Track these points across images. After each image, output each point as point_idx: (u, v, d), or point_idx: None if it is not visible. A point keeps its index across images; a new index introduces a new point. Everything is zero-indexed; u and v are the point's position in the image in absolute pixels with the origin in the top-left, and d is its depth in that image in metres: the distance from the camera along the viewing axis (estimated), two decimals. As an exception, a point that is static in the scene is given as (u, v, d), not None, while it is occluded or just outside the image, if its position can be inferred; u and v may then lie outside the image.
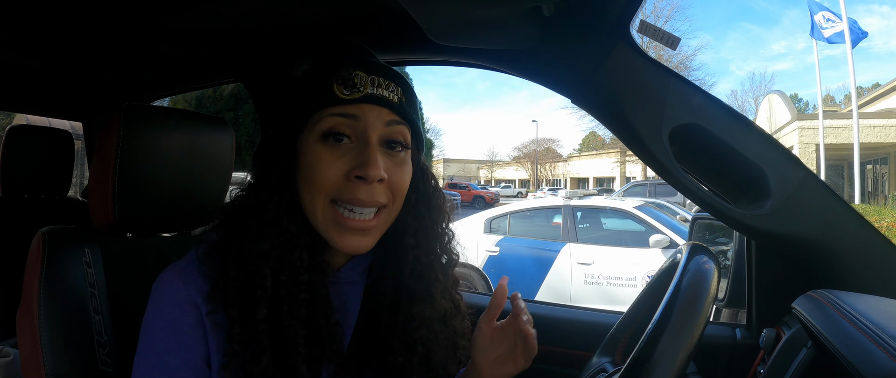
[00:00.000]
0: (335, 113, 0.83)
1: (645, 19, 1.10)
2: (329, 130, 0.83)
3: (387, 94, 0.85)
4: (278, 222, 0.83)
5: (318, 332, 0.83)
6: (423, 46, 1.27)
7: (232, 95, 18.35)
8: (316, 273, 0.85)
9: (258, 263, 0.81)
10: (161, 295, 0.82)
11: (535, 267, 6.12)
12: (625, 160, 37.88)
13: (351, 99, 0.83)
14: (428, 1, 0.87)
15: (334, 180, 0.82)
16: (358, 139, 0.84)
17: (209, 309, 0.80)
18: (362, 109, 0.83)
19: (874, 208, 10.44)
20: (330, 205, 0.83)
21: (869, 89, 38.81)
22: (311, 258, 0.85)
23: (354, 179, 0.81)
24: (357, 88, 0.83)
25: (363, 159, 0.81)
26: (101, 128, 1.08)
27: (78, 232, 1.07)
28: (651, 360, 0.67)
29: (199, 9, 1.21)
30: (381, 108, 0.84)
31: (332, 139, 0.83)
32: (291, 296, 0.81)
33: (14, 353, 1.43)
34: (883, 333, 0.67)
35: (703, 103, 1.03)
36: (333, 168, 0.82)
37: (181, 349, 0.79)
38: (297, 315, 0.81)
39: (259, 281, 0.80)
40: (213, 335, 0.80)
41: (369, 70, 0.85)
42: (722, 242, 1.75)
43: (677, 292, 0.73)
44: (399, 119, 0.86)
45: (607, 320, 1.50)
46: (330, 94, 0.83)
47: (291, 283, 0.82)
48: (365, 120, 0.83)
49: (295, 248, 0.83)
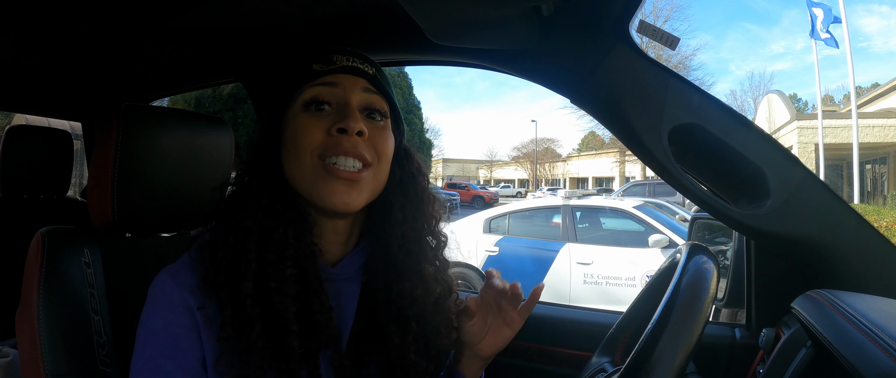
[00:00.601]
0: (316, 83, 0.88)
1: (644, 19, 1.10)
2: (311, 99, 0.88)
3: (362, 66, 0.92)
4: (260, 198, 0.86)
5: (311, 317, 0.83)
6: (422, 46, 1.27)
7: (231, 95, 18.32)
8: (302, 250, 0.86)
9: (242, 239, 0.83)
10: (156, 298, 0.82)
11: (534, 267, 6.12)
12: (624, 160, 37.87)
13: (329, 70, 0.89)
14: (427, 1, 0.87)
15: (316, 138, 0.85)
16: (338, 104, 0.88)
17: (200, 303, 0.80)
18: (340, 78, 0.89)
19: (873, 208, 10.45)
20: (318, 160, 0.85)
21: (868, 89, 38.82)
22: (297, 236, 0.86)
23: (336, 133, 0.85)
24: (333, 62, 0.90)
25: (343, 115, 0.86)
26: (101, 128, 1.09)
27: (77, 232, 1.07)
28: (651, 359, 0.67)
29: (199, 9, 1.21)
30: (357, 77, 0.90)
31: (313, 108, 0.87)
32: (278, 271, 0.82)
33: (13, 353, 1.43)
34: (882, 333, 0.67)
35: (702, 103, 1.03)
36: (316, 128, 0.86)
37: (177, 352, 0.79)
38: (286, 291, 0.82)
39: (244, 256, 0.82)
40: (207, 333, 0.80)
41: (344, 52, 0.92)
42: (721, 242, 1.75)
43: (677, 292, 0.74)
44: (374, 89, 0.92)
45: (607, 320, 1.50)
46: (309, 70, 0.89)
47: (277, 260, 0.83)
48: (343, 86, 0.89)
49: (279, 223, 0.85)
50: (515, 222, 6.76)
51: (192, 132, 1.18)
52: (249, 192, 0.87)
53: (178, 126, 1.16)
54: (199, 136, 1.19)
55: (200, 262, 0.84)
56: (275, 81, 0.95)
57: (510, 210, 6.95)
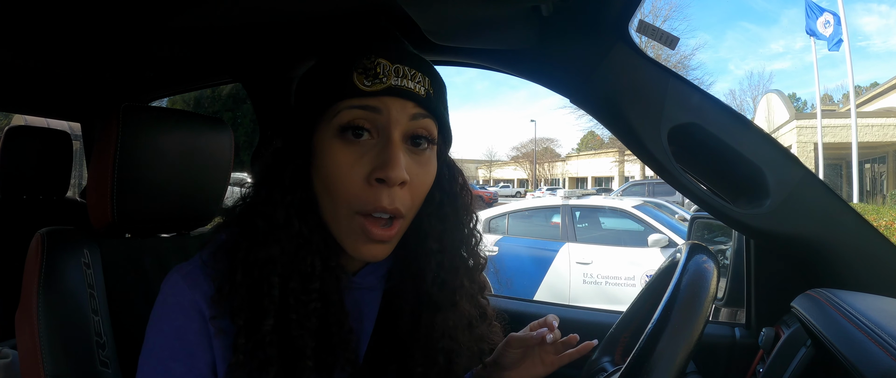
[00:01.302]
0: (355, 105, 0.75)
1: (643, 19, 1.10)
2: (348, 124, 0.75)
3: (412, 85, 0.77)
4: (289, 225, 0.77)
5: (329, 340, 0.78)
6: (421, 46, 1.26)
7: (230, 96, 18.31)
8: (329, 279, 0.79)
9: (266, 270, 0.76)
10: (166, 299, 0.78)
11: (533, 267, 6.11)
12: (623, 160, 37.87)
13: (372, 91, 0.75)
14: (428, 1, 0.87)
15: (355, 187, 0.75)
16: (379, 135, 0.76)
17: (213, 314, 0.76)
18: (385, 102, 0.76)
19: (873, 207, 10.46)
20: (354, 216, 0.76)
21: (867, 88, 38.86)
22: (324, 264, 0.79)
23: (375, 183, 0.74)
24: (379, 79, 0.75)
25: (384, 159, 0.74)
26: (100, 128, 1.08)
27: (76, 233, 1.07)
28: (651, 359, 0.67)
29: (198, 9, 1.21)
30: (406, 101, 0.77)
31: (350, 134, 0.76)
32: (301, 305, 0.76)
33: (13, 354, 1.43)
34: (882, 332, 0.67)
35: (701, 103, 1.04)
36: (353, 171, 0.75)
37: (186, 356, 0.76)
38: (307, 325, 0.76)
39: (266, 289, 0.75)
40: (218, 341, 0.76)
41: (394, 58, 0.77)
42: (721, 241, 1.75)
43: (677, 291, 0.74)
44: (425, 112, 0.79)
45: (607, 320, 1.50)
46: (349, 84, 0.75)
47: (301, 291, 0.76)
48: (387, 114, 0.76)
49: (306, 253, 0.77)
50: (515, 222, 6.76)
51: (192, 133, 1.18)
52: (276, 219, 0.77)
53: (177, 126, 1.15)
54: (198, 136, 1.19)
55: (214, 266, 0.78)
56: (306, 87, 0.83)
57: (509, 210, 6.95)
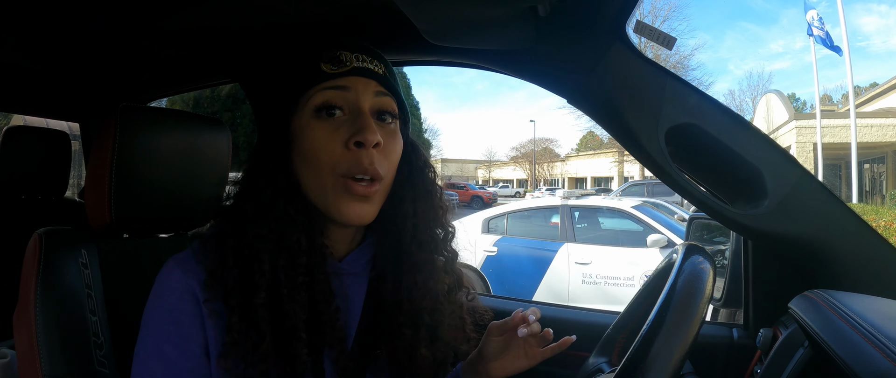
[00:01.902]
0: (326, 87, 0.86)
1: (642, 19, 1.10)
2: (322, 104, 0.85)
3: (372, 66, 0.89)
4: (275, 205, 0.84)
5: (318, 317, 0.83)
6: (419, 47, 1.27)
7: (230, 96, 18.35)
8: (314, 256, 0.85)
9: (256, 247, 0.82)
10: (162, 285, 0.82)
11: (532, 267, 6.11)
12: (622, 160, 37.88)
13: (339, 72, 0.86)
14: (425, 2, 0.87)
15: (335, 153, 0.83)
16: (350, 110, 0.86)
17: (206, 297, 0.80)
18: (351, 81, 0.86)
19: (872, 207, 10.47)
20: (337, 178, 0.84)
21: (866, 88, 38.90)
22: (310, 241, 0.85)
23: (353, 147, 0.83)
24: (344, 63, 0.87)
25: (358, 126, 0.83)
26: (98, 129, 1.08)
27: (75, 233, 1.07)
28: (646, 360, 0.67)
29: (196, 10, 1.21)
30: (369, 79, 0.88)
31: (325, 113, 0.85)
32: (290, 279, 0.82)
33: (11, 354, 1.43)
34: (879, 334, 0.67)
35: (699, 103, 1.04)
36: (331, 141, 0.84)
37: (180, 340, 0.79)
38: (297, 298, 0.81)
39: (257, 265, 0.81)
40: (211, 323, 0.80)
41: (352, 48, 0.89)
42: (719, 242, 1.75)
43: (672, 293, 0.74)
44: (386, 91, 0.90)
45: (605, 320, 1.50)
46: (318, 71, 0.86)
47: (290, 267, 0.82)
48: (355, 90, 0.86)
49: (292, 230, 0.84)
50: (514, 222, 6.75)
51: (190, 133, 1.18)
52: (263, 200, 0.84)
53: (175, 127, 1.16)
54: (196, 136, 1.19)
55: (206, 254, 0.83)
56: (280, 80, 0.92)
57: (508, 210, 6.94)
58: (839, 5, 17.67)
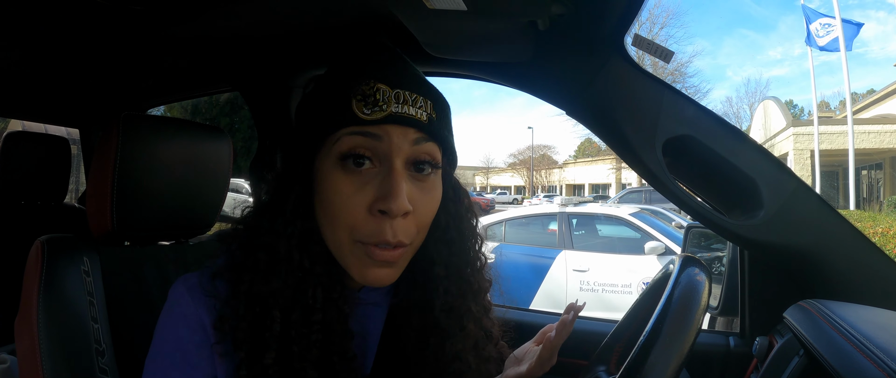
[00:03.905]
0: (355, 132, 0.73)
1: (639, 29, 1.11)
2: (349, 152, 0.73)
3: (413, 111, 0.74)
4: (291, 259, 0.76)
5: (331, 368, 0.77)
6: (419, 58, 1.28)
7: (228, 102, 18.29)
8: (331, 310, 0.78)
9: (267, 304, 0.74)
10: (172, 309, 0.78)
11: (530, 274, 6.11)
12: (620, 167, 37.89)
13: (372, 119, 0.72)
14: (425, 15, 0.88)
15: (356, 217, 0.73)
16: (381, 163, 0.74)
17: (217, 339, 0.75)
18: (385, 130, 0.73)
19: (869, 214, 10.46)
20: (355, 243, 0.74)
21: (864, 95, 38.94)
22: (326, 294, 0.78)
23: (377, 214, 0.72)
24: (379, 107, 0.72)
25: (386, 189, 0.72)
26: (100, 137, 1.09)
27: (76, 240, 1.08)
28: (643, 370, 0.68)
29: (198, 19, 1.22)
30: (407, 127, 0.74)
31: (351, 163, 0.73)
32: (302, 337, 0.75)
33: (11, 360, 1.43)
34: (871, 344, 0.68)
35: (696, 115, 1.05)
36: (354, 202, 0.73)
37: (186, 366, 0.76)
38: (308, 357, 0.75)
39: (268, 323, 0.74)
40: (220, 361, 0.76)
41: (393, 83, 0.75)
42: (717, 249, 1.76)
43: (669, 304, 0.75)
44: (427, 137, 0.76)
45: (602, 329, 1.51)
46: (349, 113, 0.73)
47: (303, 324, 0.75)
48: (389, 141, 0.73)
49: (308, 286, 0.76)
50: (512, 229, 6.76)
51: (192, 141, 1.19)
52: (277, 252, 0.76)
53: (177, 135, 1.16)
54: (198, 145, 1.20)
55: (214, 291, 0.77)
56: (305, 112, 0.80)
57: (506, 217, 6.95)
58: (836, 11, 17.70)
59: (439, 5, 0.84)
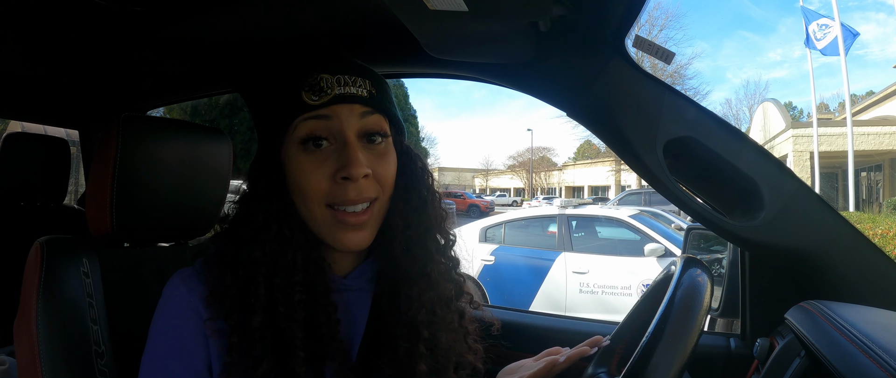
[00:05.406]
0: (308, 118, 0.84)
1: (640, 31, 1.11)
2: (306, 136, 0.84)
3: (355, 90, 0.86)
4: (268, 229, 0.85)
5: (318, 330, 0.83)
6: (419, 59, 1.28)
7: (228, 103, 18.31)
8: (311, 271, 0.86)
9: (250, 270, 0.83)
10: (167, 301, 0.84)
11: (530, 276, 6.11)
12: (620, 169, 37.92)
13: (321, 103, 0.84)
14: (425, 16, 0.88)
15: (322, 186, 0.84)
16: (336, 140, 0.85)
17: (209, 315, 0.82)
18: (334, 110, 0.84)
19: (869, 216, 10.47)
20: (326, 208, 0.84)
21: (863, 97, 39.04)
22: (306, 257, 0.86)
23: (340, 181, 0.83)
24: (325, 92, 0.84)
25: (344, 159, 0.83)
26: (100, 138, 1.09)
27: (76, 242, 1.07)
28: (645, 372, 0.68)
29: (198, 21, 1.21)
30: (352, 104, 0.86)
31: (311, 144, 0.84)
32: (287, 298, 0.82)
33: (10, 361, 1.43)
34: (872, 344, 0.68)
35: (697, 116, 1.05)
36: (318, 174, 0.84)
37: (183, 355, 0.81)
38: (294, 317, 0.82)
39: (252, 288, 0.82)
40: (213, 341, 0.82)
41: (334, 70, 0.87)
42: (716, 251, 1.76)
43: (671, 305, 0.74)
44: (371, 110, 0.87)
45: (603, 331, 1.50)
46: (299, 102, 0.84)
47: (286, 286, 0.83)
48: (338, 119, 0.84)
49: (287, 250, 0.85)
50: (511, 231, 6.75)
51: (192, 143, 1.19)
52: (256, 224, 0.85)
53: (177, 137, 1.16)
54: (198, 147, 1.19)
55: (207, 273, 0.85)
56: (266, 110, 0.92)
57: (506, 219, 6.94)
58: (836, 13, 17.71)
59: (440, 6, 0.84)
